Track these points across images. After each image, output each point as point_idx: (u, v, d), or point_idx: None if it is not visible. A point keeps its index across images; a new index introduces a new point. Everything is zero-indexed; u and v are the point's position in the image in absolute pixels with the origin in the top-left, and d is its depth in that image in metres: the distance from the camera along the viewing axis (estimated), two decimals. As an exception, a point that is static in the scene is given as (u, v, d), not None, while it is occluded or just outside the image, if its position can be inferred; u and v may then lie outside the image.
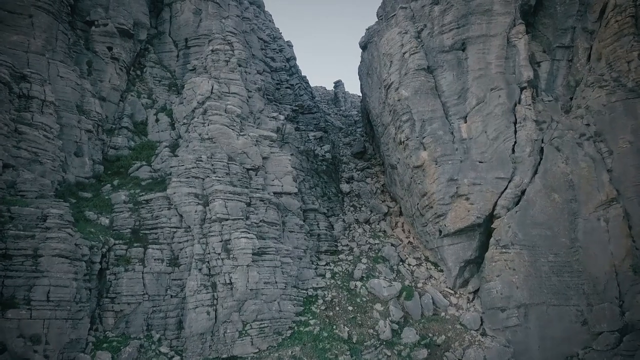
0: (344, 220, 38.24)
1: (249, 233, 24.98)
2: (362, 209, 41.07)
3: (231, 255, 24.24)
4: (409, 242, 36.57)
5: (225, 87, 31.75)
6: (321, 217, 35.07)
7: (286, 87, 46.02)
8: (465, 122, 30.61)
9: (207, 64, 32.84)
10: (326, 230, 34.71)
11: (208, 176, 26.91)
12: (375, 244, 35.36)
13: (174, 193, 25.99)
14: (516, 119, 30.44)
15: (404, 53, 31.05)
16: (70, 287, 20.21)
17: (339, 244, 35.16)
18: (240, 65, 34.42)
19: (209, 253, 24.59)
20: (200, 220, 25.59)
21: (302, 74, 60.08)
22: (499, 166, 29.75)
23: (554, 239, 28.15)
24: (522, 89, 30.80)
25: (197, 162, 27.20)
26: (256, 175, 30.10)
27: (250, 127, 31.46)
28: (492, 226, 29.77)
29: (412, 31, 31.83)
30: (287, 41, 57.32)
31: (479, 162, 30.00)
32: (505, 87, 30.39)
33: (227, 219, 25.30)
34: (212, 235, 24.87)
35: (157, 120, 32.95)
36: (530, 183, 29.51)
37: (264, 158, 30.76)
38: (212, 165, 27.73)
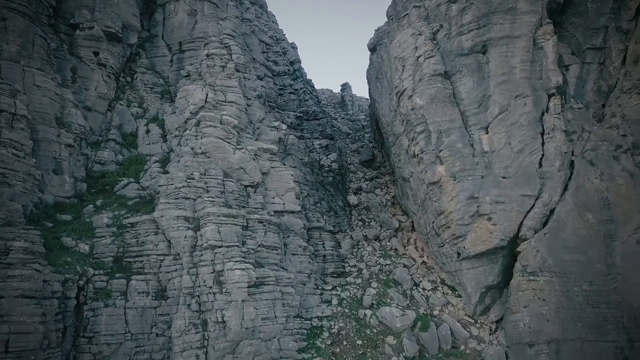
0: (351, 237, 35.35)
1: (244, 262, 22.13)
2: (371, 223, 38.18)
3: (224, 290, 21.39)
4: (423, 262, 33.56)
5: (221, 96, 28.96)
6: (327, 236, 32.18)
7: (290, 93, 43.16)
8: (487, 133, 27.56)
9: (202, 69, 30.06)
10: (332, 250, 31.82)
11: (200, 196, 24.10)
12: (386, 264, 32.39)
13: (162, 216, 23.20)
14: (544, 129, 27.36)
15: (418, 57, 28.03)
16: (35, 333, 17.48)
17: (346, 265, 32.28)
18: (238, 71, 31.64)
19: (199, 286, 21.76)
20: (191, 247, 22.78)
21: (307, 77, 57.36)
22: (525, 182, 26.67)
23: (589, 265, 25.01)
24: (550, 96, 27.69)
25: (188, 180, 24.40)
26: (255, 192, 27.27)
27: (249, 139, 28.63)
28: (517, 250, 26.71)
29: (427, 32, 28.81)
30: (291, 43, 54.47)
31: (503, 177, 26.96)
32: (531, 93, 27.29)
33: (220, 246, 22.46)
34: (203, 265, 22.04)
35: (147, 132, 30.22)
36: (560, 201, 26.40)
37: (263, 173, 27.93)
38: (206, 183, 24.93)
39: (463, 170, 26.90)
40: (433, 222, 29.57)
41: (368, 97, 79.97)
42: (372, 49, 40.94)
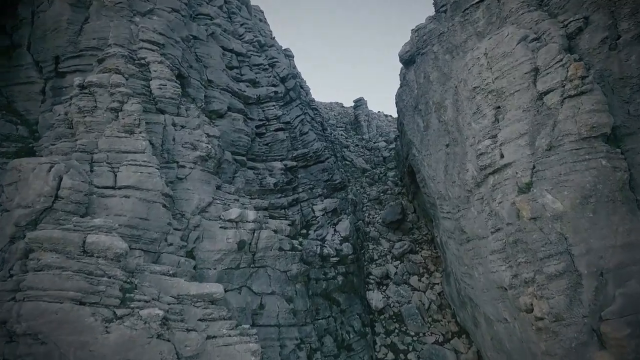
0: (378, 399, 19.79)
1: None
2: (408, 356, 22.59)
3: None
4: None
5: (104, 176, 13.40)
6: None
7: (276, 130, 27.42)
8: None
9: (73, 116, 14.57)
10: None
11: None
12: None
13: None
14: None
15: (544, 93, 12.13)
16: None
17: None
18: (162, 112, 16.22)
19: None
20: None
21: (309, 97, 41.77)
22: None
23: None
24: None
25: None
26: (165, 408, 11.67)
27: (160, 279, 12.97)
28: None
29: (556, 35, 12.87)
30: (285, 49, 38.80)
31: None
32: None
33: None
34: None
35: (-37, 245, 14.71)
36: None
37: (188, 358, 12.30)
38: None
39: (663, 371, 11.07)
40: None
41: (387, 114, 64.20)
42: (408, 60, 25.05)
